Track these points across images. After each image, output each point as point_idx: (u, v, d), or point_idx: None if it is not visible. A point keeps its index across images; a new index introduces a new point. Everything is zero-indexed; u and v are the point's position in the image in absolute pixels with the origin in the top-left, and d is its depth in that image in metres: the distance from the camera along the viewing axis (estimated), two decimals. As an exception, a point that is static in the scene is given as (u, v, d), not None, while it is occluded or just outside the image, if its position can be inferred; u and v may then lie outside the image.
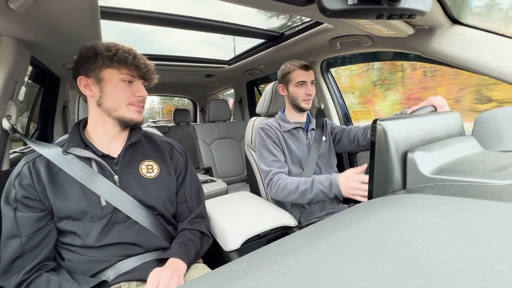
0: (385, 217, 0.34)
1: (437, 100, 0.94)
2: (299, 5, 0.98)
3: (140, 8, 1.42)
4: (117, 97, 0.76)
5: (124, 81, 0.76)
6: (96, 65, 0.74)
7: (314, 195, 0.99)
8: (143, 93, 0.79)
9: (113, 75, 0.75)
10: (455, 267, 0.21)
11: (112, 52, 0.74)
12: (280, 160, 1.17)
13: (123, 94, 0.76)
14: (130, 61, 0.75)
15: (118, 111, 0.77)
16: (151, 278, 0.66)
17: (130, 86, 0.78)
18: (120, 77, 0.76)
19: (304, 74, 1.25)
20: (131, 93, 0.78)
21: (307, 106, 1.26)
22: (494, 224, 0.28)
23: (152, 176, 0.83)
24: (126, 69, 0.76)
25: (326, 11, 0.45)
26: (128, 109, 0.78)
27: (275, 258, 0.27)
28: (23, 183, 0.70)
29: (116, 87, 0.76)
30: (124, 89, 0.77)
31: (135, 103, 0.79)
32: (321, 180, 0.99)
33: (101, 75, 0.75)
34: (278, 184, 1.10)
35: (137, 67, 0.76)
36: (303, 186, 1.02)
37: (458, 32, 1.06)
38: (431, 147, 0.49)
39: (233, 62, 2.40)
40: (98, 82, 0.75)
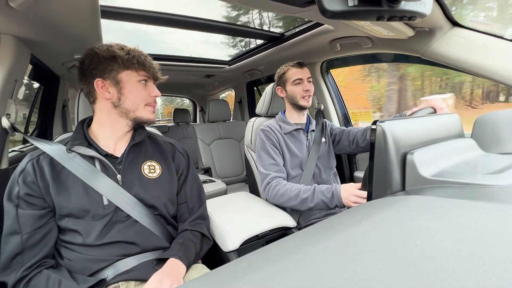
0: (384, 218, 0.34)
1: (436, 102, 0.94)
2: (299, 6, 0.98)
3: (142, 8, 1.42)
4: (136, 98, 0.78)
5: (141, 82, 0.79)
6: (113, 67, 0.76)
7: (315, 204, 1.02)
8: (157, 92, 0.83)
9: (131, 76, 0.77)
10: (454, 268, 0.21)
11: (131, 55, 0.76)
12: (278, 164, 1.18)
13: (141, 95, 0.79)
14: (148, 63, 0.79)
15: (136, 112, 0.80)
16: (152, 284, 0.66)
17: (146, 87, 0.81)
18: (137, 79, 0.78)
19: (299, 72, 1.26)
20: (147, 94, 0.81)
21: (306, 103, 1.26)
22: (493, 226, 0.28)
23: (154, 176, 0.83)
24: (144, 71, 0.79)
25: (326, 12, 0.45)
26: (146, 109, 0.81)
27: (274, 258, 0.27)
28: (27, 180, 0.70)
29: (134, 88, 0.78)
30: (142, 90, 0.80)
31: (151, 103, 0.82)
32: (322, 190, 1.02)
33: (118, 77, 0.76)
34: (277, 190, 1.10)
35: (152, 68, 0.80)
36: (304, 194, 1.04)
37: (458, 34, 1.06)
38: (430, 149, 0.49)
39: (233, 63, 2.40)
40: (116, 84, 0.76)
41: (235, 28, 1.71)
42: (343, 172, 1.80)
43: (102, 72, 0.76)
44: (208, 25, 1.63)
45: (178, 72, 2.49)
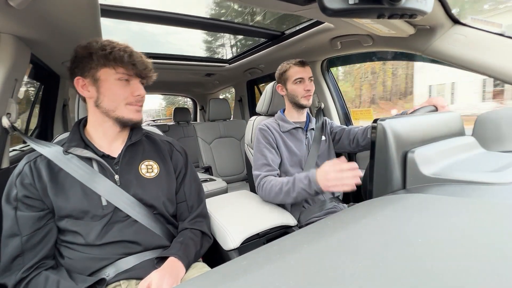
0: (385, 216, 0.34)
1: (438, 100, 0.94)
2: (300, 4, 0.97)
3: (144, 7, 1.41)
4: (115, 97, 0.74)
5: (120, 80, 0.74)
6: (92, 65, 0.73)
7: (297, 193, 0.99)
8: (141, 92, 0.77)
9: (109, 74, 0.73)
10: (455, 266, 0.21)
11: (107, 51, 0.71)
12: (269, 164, 1.17)
13: (121, 94, 0.74)
14: (126, 59, 0.73)
15: (117, 111, 0.75)
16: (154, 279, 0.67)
17: (128, 85, 0.76)
18: (116, 77, 0.74)
19: (301, 71, 1.25)
20: (129, 93, 0.76)
21: (307, 102, 1.25)
22: (494, 223, 0.28)
23: (152, 176, 0.82)
24: (122, 68, 0.73)
25: (327, 10, 0.45)
26: (127, 108, 0.76)
27: (275, 257, 0.27)
28: (25, 182, 0.70)
29: (113, 87, 0.74)
30: (122, 88, 0.75)
31: (133, 103, 0.77)
32: (301, 178, 0.99)
33: (97, 75, 0.73)
34: (265, 188, 1.10)
35: (133, 66, 0.74)
36: (286, 187, 1.03)
37: (459, 32, 1.06)
38: (431, 147, 0.49)
39: (233, 61, 2.40)
40: (95, 82, 0.74)
41: (236, 27, 1.70)
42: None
43: (82, 70, 0.73)
44: (208, 23, 1.62)
45: (178, 71, 2.49)
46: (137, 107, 0.78)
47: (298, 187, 0.99)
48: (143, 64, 0.76)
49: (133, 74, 0.76)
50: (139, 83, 0.78)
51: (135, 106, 0.78)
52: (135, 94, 0.76)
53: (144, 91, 0.78)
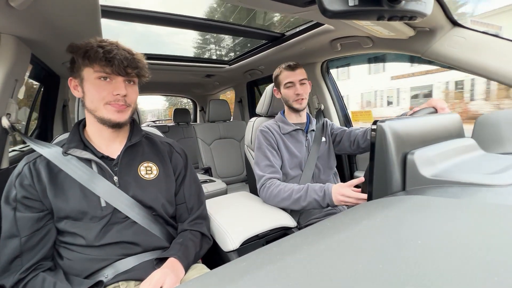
0: (384, 218, 0.34)
1: (437, 102, 0.94)
2: (300, 6, 0.98)
3: (146, 8, 1.42)
4: (93, 97, 0.72)
5: (99, 79, 0.71)
6: (78, 65, 0.73)
7: (308, 203, 1.02)
8: (120, 91, 0.72)
9: (89, 73, 0.72)
10: (454, 268, 0.21)
11: (83, 49, 0.70)
12: (273, 166, 1.18)
13: (99, 93, 0.72)
14: (101, 56, 0.68)
15: (97, 112, 0.73)
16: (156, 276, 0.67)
17: (109, 84, 0.72)
18: (95, 75, 0.71)
19: (290, 75, 1.24)
20: (108, 92, 0.72)
21: (299, 106, 1.25)
22: (494, 225, 0.28)
23: (151, 177, 0.82)
24: (98, 65, 0.70)
25: (327, 12, 0.45)
26: (106, 108, 0.73)
27: (274, 258, 0.27)
28: (24, 183, 0.70)
29: (92, 86, 0.72)
30: (101, 87, 0.72)
31: (112, 102, 0.73)
32: (315, 189, 1.02)
33: (82, 74, 0.73)
34: (271, 191, 1.11)
35: (109, 62, 0.69)
36: (296, 194, 1.04)
37: (458, 34, 1.06)
38: (431, 149, 0.49)
39: (233, 62, 2.40)
40: (81, 82, 0.74)
41: (236, 28, 1.71)
42: (343, 172, 1.80)
43: (72, 71, 0.75)
44: (208, 24, 1.63)
45: (178, 72, 2.49)
46: (116, 107, 0.74)
47: (311, 197, 1.01)
48: (123, 61, 0.70)
49: (112, 72, 0.71)
50: (122, 82, 0.74)
51: (114, 106, 0.73)
52: (114, 93, 0.72)
53: (123, 90, 0.73)
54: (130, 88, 0.76)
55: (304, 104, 1.26)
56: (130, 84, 0.77)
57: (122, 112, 0.75)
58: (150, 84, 0.83)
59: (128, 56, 0.72)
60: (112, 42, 0.73)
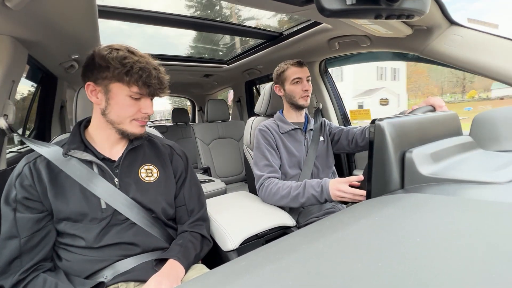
0: (383, 216, 0.34)
1: (435, 101, 0.95)
2: (297, 5, 0.98)
3: (145, 8, 1.41)
4: (122, 112, 0.74)
5: (131, 97, 0.74)
6: (107, 76, 0.72)
7: (306, 199, 1.02)
8: (149, 110, 0.77)
9: (121, 90, 0.72)
10: (453, 266, 0.21)
11: (126, 68, 0.70)
12: (272, 165, 1.18)
13: (129, 111, 0.74)
14: (144, 80, 0.72)
15: (121, 125, 0.76)
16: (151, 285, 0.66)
17: (138, 103, 0.75)
18: (128, 93, 0.73)
19: (298, 71, 1.25)
20: (137, 109, 0.75)
21: (305, 102, 1.26)
22: (492, 223, 0.28)
23: (151, 180, 0.82)
24: (137, 88, 0.73)
25: (324, 11, 0.45)
26: (132, 124, 0.76)
27: (274, 257, 0.27)
28: (24, 183, 0.69)
29: (122, 103, 0.73)
30: (131, 105, 0.74)
31: (139, 119, 0.77)
32: (312, 185, 1.02)
33: (109, 86, 0.73)
34: (270, 189, 1.11)
35: (148, 87, 0.73)
36: (294, 191, 1.04)
37: (456, 32, 1.07)
38: (429, 147, 0.49)
39: (232, 62, 2.40)
40: (106, 93, 0.73)
41: (234, 28, 1.70)
42: (342, 171, 1.80)
43: (95, 78, 0.73)
44: (207, 24, 1.62)
45: (176, 71, 2.49)
46: (142, 123, 0.78)
47: (309, 193, 1.01)
48: (158, 84, 0.75)
49: (146, 94, 0.75)
50: (150, 101, 0.78)
51: (140, 122, 0.78)
52: (143, 111, 0.76)
53: (152, 110, 0.78)
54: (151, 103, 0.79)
55: (309, 101, 1.27)
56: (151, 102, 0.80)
57: (143, 126, 0.80)
58: None
59: (160, 77, 0.76)
60: (144, 56, 0.75)
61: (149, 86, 0.73)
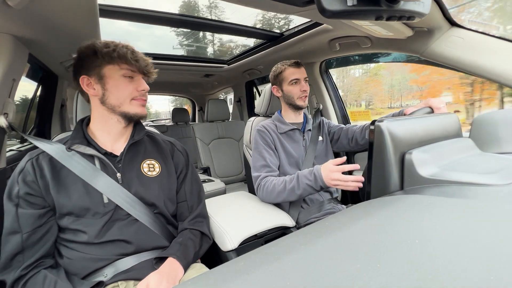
0: (382, 217, 0.34)
1: (434, 102, 0.95)
2: (298, 5, 0.98)
3: (146, 8, 1.41)
4: (120, 93, 0.77)
5: (125, 76, 0.77)
6: (96, 63, 0.75)
7: (302, 190, 1.00)
8: (145, 86, 0.80)
9: (114, 71, 0.76)
10: (452, 267, 0.21)
11: (111, 48, 0.74)
12: (269, 165, 1.17)
13: (126, 90, 0.77)
14: (130, 56, 0.75)
15: (122, 107, 0.78)
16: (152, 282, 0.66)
17: (132, 81, 0.78)
18: (121, 73, 0.76)
19: (296, 72, 1.25)
20: (133, 88, 0.78)
21: (303, 103, 1.26)
22: (491, 224, 0.28)
23: (153, 174, 0.83)
24: (127, 64, 0.76)
25: (325, 12, 0.45)
26: (132, 104, 0.79)
27: (273, 258, 0.27)
28: (27, 179, 0.70)
29: (118, 83, 0.76)
30: (126, 84, 0.77)
31: (138, 97, 0.80)
32: (305, 174, 1.00)
33: (102, 72, 0.75)
34: (266, 188, 1.10)
35: (136, 62, 0.77)
36: (289, 184, 1.03)
37: (456, 34, 1.07)
38: (428, 149, 0.49)
39: (232, 62, 2.40)
40: (100, 79, 0.76)
41: (235, 28, 1.70)
42: (342, 172, 1.80)
43: (87, 69, 0.76)
44: (207, 24, 1.63)
45: (177, 71, 2.49)
46: (141, 101, 0.81)
47: (303, 183, 0.99)
48: (145, 61, 0.79)
49: (136, 70, 0.79)
50: (142, 79, 0.81)
51: (139, 100, 0.80)
52: (139, 89, 0.79)
53: (147, 86, 0.81)
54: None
55: (306, 102, 1.27)
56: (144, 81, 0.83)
57: (144, 106, 0.82)
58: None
59: (145, 58, 0.80)
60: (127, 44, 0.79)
61: (137, 61, 0.77)
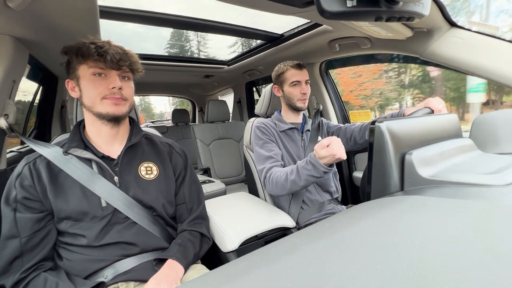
0: (382, 218, 0.34)
1: (434, 102, 0.95)
2: (298, 6, 0.98)
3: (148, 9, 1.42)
4: (90, 93, 0.74)
5: (95, 75, 0.73)
6: (72, 65, 0.75)
7: (305, 181, 0.98)
8: (115, 84, 0.73)
9: (84, 70, 0.73)
10: (452, 267, 0.21)
11: (79, 46, 0.72)
12: (273, 156, 1.15)
13: (95, 89, 0.73)
14: (94, 52, 0.70)
15: (95, 107, 0.74)
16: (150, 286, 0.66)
17: (104, 80, 0.74)
18: (90, 72, 0.73)
19: (298, 74, 1.24)
20: (104, 87, 0.73)
21: (303, 105, 1.26)
22: (491, 225, 0.28)
23: (151, 177, 0.82)
24: (92, 62, 0.72)
25: (325, 13, 0.45)
26: (103, 103, 0.74)
27: (273, 258, 0.27)
28: (24, 183, 0.70)
29: (88, 82, 0.73)
30: (97, 83, 0.73)
31: (109, 96, 0.74)
32: (303, 165, 0.98)
33: (77, 73, 0.74)
34: (271, 180, 1.08)
35: (102, 57, 0.71)
36: (291, 176, 1.01)
37: (456, 35, 1.07)
38: (428, 149, 0.49)
39: (233, 63, 2.40)
40: (77, 81, 0.75)
41: (235, 29, 1.71)
42: (342, 173, 1.80)
43: (69, 72, 0.76)
44: (208, 25, 1.63)
45: (177, 72, 2.49)
46: (113, 100, 0.75)
47: (304, 174, 0.97)
48: (116, 55, 0.72)
49: (106, 67, 0.73)
50: (116, 76, 0.75)
51: (111, 99, 0.74)
52: (110, 86, 0.73)
53: (118, 83, 0.74)
54: (125, 83, 0.77)
55: (307, 104, 1.27)
56: (124, 79, 0.78)
57: (119, 105, 0.76)
58: (149, 84, 0.84)
59: (120, 51, 0.74)
60: (104, 40, 0.75)
61: (103, 56, 0.71)
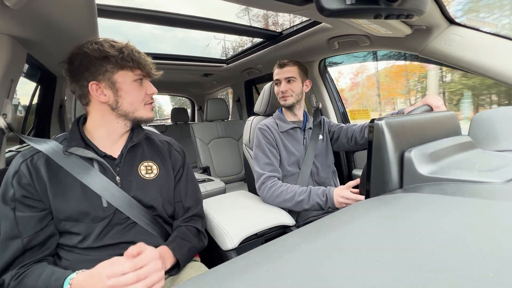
0: (382, 216, 0.34)
1: (433, 100, 0.95)
2: (297, 4, 0.98)
3: (148, 8, 1.41)
4: (134, 99, 0.76)
5: (136, 81, 0.76)
6: (107, 68, 0.71)
7: (310, 206, 1.05)
8: (153, 90, 0.80)
9: (127, 77, 0.74)
10: (451, 266, 0.22)
11: (125, 53, 0.72)
12: (273, 164, 1.19)
13: (140, 95, 0.77)
14: (143, 61, 0.75)
15: (136, 113, 0.78)
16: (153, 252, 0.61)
17: (141, 86, 0.78)
18: (133, 78, 0.75)
19: (278, 72, 1.29)
20: (143, 93, 0.78)
21: (284, 102, 1.28)
22: (490, 223, 0.28)
23: (151, 177, 0.82)
24: (139, 70, 0.76)
25: (324, 11, 0.45)
26: (146, 108, 0.79)
27: (273, 257, 0.27)
28: (22, 182, 0.67)
29: (131, 89, 0.75)
30: (139, 89, 0.77)
31: (149, 102, 0.81)
32: (318, 193, 1.05)
33: (114, 78, 0.72)
34: (272, 191, 1.12)
35: (147, 66, 0.77)
36: (299, 197, 1.06)
37: (455, 32, 1.07)
38: (427, 147, 0.49)
39: (231, 61, 2.40)
40: (112, 85, 0.73)
41: (234, 27, 1.70)
42: (341, 171, 1.80)
43: (95, 74, 0.71)
44: (206, 23, 1.62)
45: (176, 71, 2.48)
46: (152, 105, 0.82)
47: (314, 200, 1.04)
48: (151, 63, 0.79)
49: (146, 75, 0.79)
50: (149, 82, 0.81)
51: (150, 105, 0.81)
52: (149, 93, 0.79)
53: (155, 88, 0.81)
54: None
55: (288, 101, 1.27)
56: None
57: (153, 109, 0.83)
58: None
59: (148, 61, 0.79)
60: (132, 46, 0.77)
61: (146, 65, 0.77)
